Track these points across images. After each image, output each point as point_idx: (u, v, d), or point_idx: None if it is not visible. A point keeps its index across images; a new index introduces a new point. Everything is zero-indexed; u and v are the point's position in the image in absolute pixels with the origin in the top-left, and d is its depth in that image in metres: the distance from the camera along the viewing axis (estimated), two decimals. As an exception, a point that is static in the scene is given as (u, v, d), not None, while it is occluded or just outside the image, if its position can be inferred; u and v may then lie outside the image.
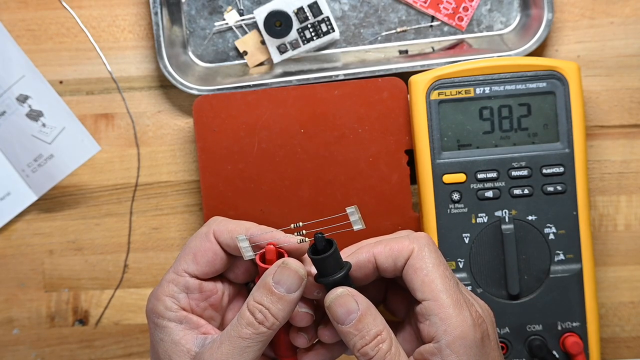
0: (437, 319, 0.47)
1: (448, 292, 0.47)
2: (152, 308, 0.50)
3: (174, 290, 0.50)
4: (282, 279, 0.48)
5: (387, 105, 0.64)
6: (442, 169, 0.62)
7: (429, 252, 0.49)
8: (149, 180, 0.69)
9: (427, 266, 0.48)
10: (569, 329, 0.62)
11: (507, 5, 0.68)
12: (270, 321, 0.47)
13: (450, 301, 0.47)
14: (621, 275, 0.68)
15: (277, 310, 0.47)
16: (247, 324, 0.47)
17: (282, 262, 0.48)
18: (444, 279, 0.48)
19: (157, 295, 0.50)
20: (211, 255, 0.51)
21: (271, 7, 0.67)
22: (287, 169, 0.65)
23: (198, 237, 0.51)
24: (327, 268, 0.48)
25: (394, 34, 0.68)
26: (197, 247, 0.51)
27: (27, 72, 0.67)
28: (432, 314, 0.47)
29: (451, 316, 0.47)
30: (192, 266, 0.50)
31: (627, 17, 0.67)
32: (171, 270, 0.51)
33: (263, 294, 0.48)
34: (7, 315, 0.70)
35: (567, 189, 0.62)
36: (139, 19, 0.69)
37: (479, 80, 0.62)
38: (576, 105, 0.62)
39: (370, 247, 0.50)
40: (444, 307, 0.47)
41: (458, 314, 0.47)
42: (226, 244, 0.50)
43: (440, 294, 0.47)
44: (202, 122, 0.65)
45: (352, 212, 0.49)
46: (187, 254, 0.51)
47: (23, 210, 0.69)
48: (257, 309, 0.47)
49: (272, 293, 0.47)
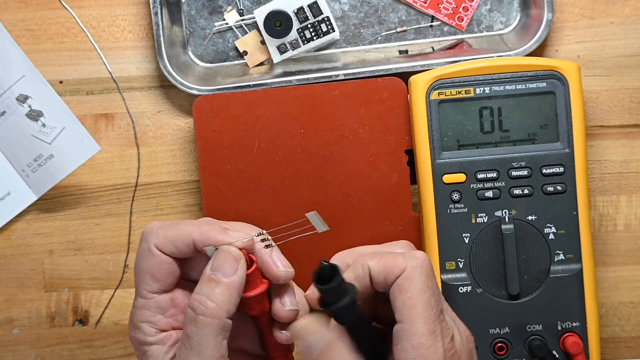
0: (409, 345, 0.46)
1: (426, 320, 0.46)
2: (133, 336, 0.50)
3: (148, 315, 0.49)
4: (217, 264, 0.47)
5: (387, 105, 0.64)
6: (442, 169, 0.62)
7: (420, 275, 0.47)
8: (149, 180, 0.69)
9: (412, 289, 0.47)
10: (569, 329, 0.62)
11: (507, 5, 0.68)
12: (210, 308, 0.46)
13: (425, 330, 0.46)
14: (621, 275, 0.68)
15: (217, 295, 0.46)
16: (189, 321, 0.46)
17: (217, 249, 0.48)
18: (426, 305, 0.46)
19: (134, 324, 0.50)
20: (166, 267, 0.49)
21: (271, 7, 0.67)
22: (287, 169, 0.65)
23: (144, 255, 0.50)
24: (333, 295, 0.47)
25: (394, 34, 0.68)
26: (149, 265, 0.49)
27: (27, 72, 0.67)
28: (405, 339, 0.46)
29: (423, 346, 0.46)
30: (154, 285, 0.49)
31: (627, 17, 0.67)
32: (137, 297, 0.50)
33: (202, 284, 0.47)
34: (7, 315, 0.70)
35: (567, 189, 0.62)
36: (139, 19, 0.69)
37: (479, 80, 0.62)
38: (576, 105, 0.62)
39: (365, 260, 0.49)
40: (417, 335, 0.46)
41: (430, 345, 0.46)
42: (172, 253, 0.49)
43: (417, 319, 0.46)
44: (202, 122, 0.65)
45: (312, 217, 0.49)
46: (144, 276, 0.49)
47: (23, 210, 0.69)
48: (196, 301, 0.47)
49: (210, 280, 0.47)
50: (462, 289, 0.62)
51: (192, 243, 0.49)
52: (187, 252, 0.49)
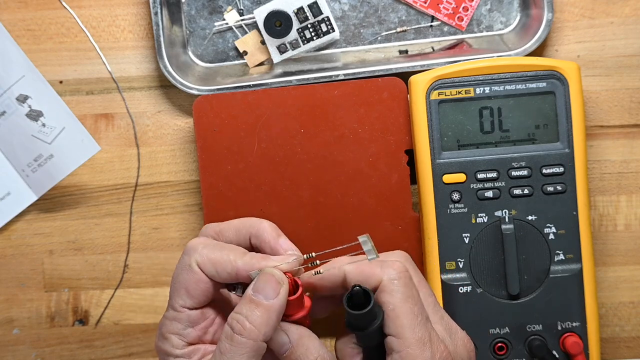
0: (399, 356, 0.46)
1: (413, 330, 0.46)
2: (160, 346, 0.50)
3: (178, 328, 0.50)
4: (259, 286, 0.47)
5: (387, 105, 0.64)
6: (442, 169, 0.62)
7: (398, 286, 0.47)
8: (149, 180, 0.69)
9: (394, 300, 0.47)
10: (569, 329, 0.62)
11: (507, 5, 0.68)
12: (248, 329, 0.46)
13: (413, 340, 0.46)
14: (621, 275, 0.68)
15: (256, 317, 0.46)
16: (225, 337, 0.46)
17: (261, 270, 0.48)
18: (410, 315, 0.47)
19: (163, 334, 0.50)
20: (202, 286, 0.50)
21: (271, 7, 0.67)
22: (287, 169, 0.65)
23: (184, 270, 0.50)
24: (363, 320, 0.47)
25: (394, 34, 0.68)
26: (187, 281, 0.50)
27: (27, 72, 0.67)
28: (395, 350, 0.46)
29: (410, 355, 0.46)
30: (188, 300, 0.50)
31: (627, 17, 0.67)
32: (169, 308, 0.50)
33: (242, 304, 0.47)
34: (7, 315, 0.70)
35: (567, 189, 0.62)
36: (139, 19, 0.69)
37: (479, 80, 0.62)
38: (576, 105, 0.62)
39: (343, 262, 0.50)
40: (405, 346, 0.46)
41: (419, 354, 0.46)
42: (211, 275, 0.49)
43: (404, 330, 0.46)
44: (202, 122, 0.65)
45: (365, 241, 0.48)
46: (179, 289, 0.50)
47: (23, 210, 0.69)
48: (234, 319, 0.47)
49: (250, 301, 0.47)
50: (462, 289, 0.62)
51: (234, 271, 0.49)
52: (227, 278, 0.49)
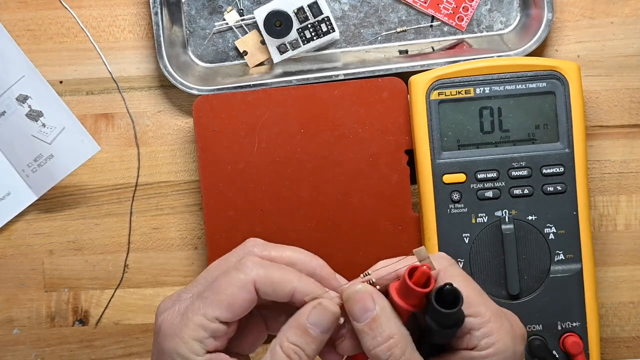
0: (481, 333, 0.46)
1: (486, 305, 0.46)
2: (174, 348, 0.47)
3: (202, 336, 0.47)
4: (318, 320, 0.47)
5: (387, 105, 0.64)
6: (442, 169, 0.62)
7: (455, 269, 0.48)
8: (149, 180, 0.69)
9: (457, 284, 0.46)
10: (569, 329, 0.62)
11: (507, 5, 0.68)
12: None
13: (489, 314, 0.46)
14: (621, 275, 0.68)
15: (311, 350, 0.46)
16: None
17: (318, 303, 0.47)
18: (478, 292, 0.47)
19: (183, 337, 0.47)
20: (247, 305, 0.47)
21: (271, 7, 0.67)
22: (287, 169, 0.65)
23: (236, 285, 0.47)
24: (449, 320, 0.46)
25: (394, 34, 0.68)
26: (235, 297, 0.47)
27: (27, 72, 0.67)
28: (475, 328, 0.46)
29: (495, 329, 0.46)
30: (226, 314, 0.47)
31: (627, 17, 0.67)
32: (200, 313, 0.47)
33: (298, 335, 0.46)
34: (7, 315, 0.70)
35: (567, 189, 0.62)
36: (139, 19, 0.69)
37: (479, 80, 0.62)
38: (576, 105, 0.62)
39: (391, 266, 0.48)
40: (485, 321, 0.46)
41: (500, 326, 0.46)
42: (265, 295, 0.48)
43: (479, 308, 0.46)
44: (202, 122, 0.65)
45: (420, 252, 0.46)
46: (222, 302, 0.47)
47: (23, 210, 0.69)
48: (292, 351, 0.46)
49: (307, 334, 0.46)
50: (462, 289, 0.62)
51: (291, 292, 0.48)
52: (282, 298, 0.48)
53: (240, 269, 0.48)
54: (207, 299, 0.47)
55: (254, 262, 0.48)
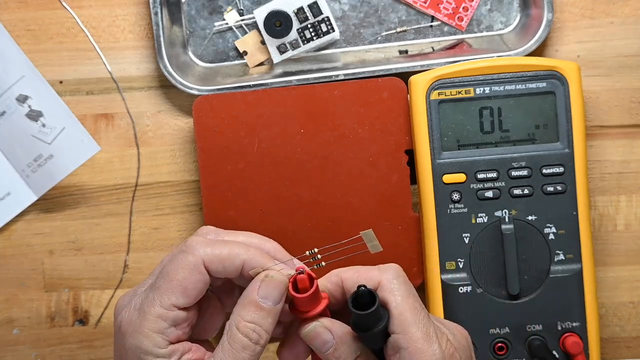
0: (406, 352, 0.46)
1: (417, 325, 0.46)
2: (137, 345, 0.47)
3: (163, 326, 0.47)
4: (268, 292, 0.47)
5: (387, 105, 0.64)
6: (442, 169, 0.62)
7: (399, 283, 0.48)
8: (149, 180, 0.69)
9: (395, 298, 0.47)
10: (569, 329, 0.62)
11: (507, 5, 0.68)
12: (264, 338, 0.47)
13: (420, 335, 0.46)
14: (621, 275, 0.68)
15: (268, 324, 0.47)
16: (244, 348, 0.46)
17: (265, 276, 0.47)
18: (414, 311, 0.47)
19: (143, 331, 0.47)
20: (202, 287, 0.48)
21: (271, 7, 0.67)
22: (287, 169, 0.65)
23: (186, 268, 0.47)
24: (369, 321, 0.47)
25: (394, 34, 0.68)
26: (187, 280, 0.47)
27: (27, 72, 0.67)
28: (402, 347, 0.46)
29: (419, 350, 0.46)
30: (182, 300, 0.47)
31: (627, 17, 0.67)
32: (157, 304, 0.47)
33: (252, 312, 0.47)
34: (7, 315, 0.70)
35: (567, 189, 0.62)
36: (139, 19, 0.69)
37: (479, 80, 0.62)
38: (576, 105, 0.62)
39: (339, 272, 0.50)
40: (413, 341, 0.46)
41: (427, 348, 0.46)
42: (217, 273, 0.48)
43: (409, 327, 0.46)
44: (202, 122, 0.65)
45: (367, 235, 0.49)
46: (176, 287, 0.47)
47: (23, 210, 0.69)
48: (250, 329, 0.46)
49: (260, 309, 0.47)
50: (462, 289, 0.62)
51: (241, 266, 0.48)
52: (233, 273, 0.48)
53: (187, 250, 0.48)
54: (160, 288, 0.47)
55: (200, 242, 0.48)
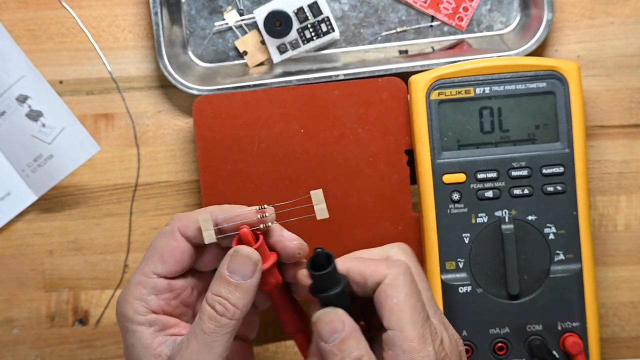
0: (400, 350, 0.46)
1: (414, 325, 0.46)
2: (121, 312, 0.50)
3: (142, 293, 0.50)
4: (235, 267, 0.48)
5: (387, 105, 0.64)
6: (442, 169, 0.62)
7: (404, 281, 0.48)
8: (149, 180, 0.69)
9: (398, 295, 0.47)
10: (569, 329, 0.62)
11: (507, 5, 0.68)
12: (231, 311, 0.47)
13: (415, 334, 0.46)
14: (621, 275, 0.68)
15: (236, 299, 0.48)
16: (209, 318, 0.47)
17: (234, 251, 0.48)
18: (414, 310, 0.47)
19: (126, 299, 0.50)
20: (179, 254, 0.50)
21: (271, 7, 0.67)
22: (287, 169, 0.65)
23: (164, 236, 0.51)
24: (325, 283, 0.48)
25: (394, 34, 0.68)
26: (164, 247, 0.50)
27: (27, 72, 0.67)
28: (396, 345, 0.46)
29: (413, 350, 0.46)
30: (160, 267, 0.50)
31: (627, 17, 0.67)
32: (138, 272, 0.51)
33: (220, 285, 0.48)
34: (7, 315, 0.70)
35: (567, 189, 0.62)
36: (139, 19, 0.69)
37: (479, 80, 0.62)
38: (576, 105, 0.62)
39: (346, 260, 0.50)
40: (407, 340, 0.46)
41: (421, 349, 0.46)
42: (194, 236, 0.50)
43: (406, 325, 0.46)
44: (202, 122, 0.65)
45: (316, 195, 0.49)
46: (154, 255, 0.51)
47: (23, 210, 0.69)
48: (216, 301, 0.48)
49: (228, 283, 0.48)
50: (462, 289, 0.62)
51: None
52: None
53: (169, 223, 0.51)
54: (144, 259, 0.51)
55: (178, 215, 0.52)
